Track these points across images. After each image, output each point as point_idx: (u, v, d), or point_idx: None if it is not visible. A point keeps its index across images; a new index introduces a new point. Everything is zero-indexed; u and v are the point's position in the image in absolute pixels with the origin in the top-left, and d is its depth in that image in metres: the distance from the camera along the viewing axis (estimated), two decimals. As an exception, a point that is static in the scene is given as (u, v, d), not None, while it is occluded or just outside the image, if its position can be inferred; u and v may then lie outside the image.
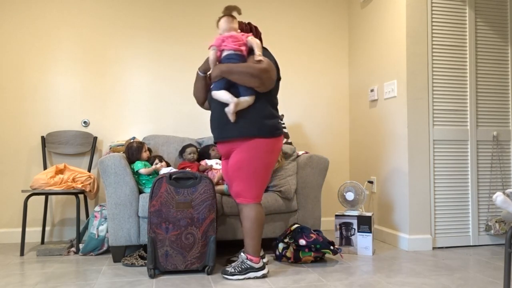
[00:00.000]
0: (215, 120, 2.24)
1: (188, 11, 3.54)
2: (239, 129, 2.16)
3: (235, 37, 2.19)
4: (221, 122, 2.19)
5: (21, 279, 2.20)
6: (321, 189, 2.85)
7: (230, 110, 2.12)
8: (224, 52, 2.18)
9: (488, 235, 3.02)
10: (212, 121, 2.26)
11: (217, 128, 2.22)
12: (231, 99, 2.13)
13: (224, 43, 2.18)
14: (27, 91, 3.26)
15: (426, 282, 2.12)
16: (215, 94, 2.18)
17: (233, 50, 2.17)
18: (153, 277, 2.21)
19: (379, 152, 3.26)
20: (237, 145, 2.19)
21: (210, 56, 2.18)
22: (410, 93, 2.90)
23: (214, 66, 2.18)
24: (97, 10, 3.39)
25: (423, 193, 2.90)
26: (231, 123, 2.17)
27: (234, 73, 2.12)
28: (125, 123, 3.40)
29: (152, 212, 2.23)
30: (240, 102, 2.13)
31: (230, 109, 2.12)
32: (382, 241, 3.16)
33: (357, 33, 3.64)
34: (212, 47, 2.19)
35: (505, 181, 3.07)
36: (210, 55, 2.18)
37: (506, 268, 1.69)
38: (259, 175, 2.18)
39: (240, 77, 2.12)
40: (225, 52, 2.18)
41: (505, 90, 3.10)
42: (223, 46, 2.18)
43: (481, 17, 3.06)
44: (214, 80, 2.19)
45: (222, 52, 2.19)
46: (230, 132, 2.17)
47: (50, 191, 2.79)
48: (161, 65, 3.48)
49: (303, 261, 2.49)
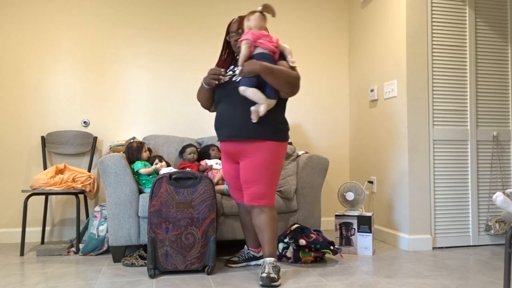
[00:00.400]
0: (226, 118, 2.14)
1: (188, 11, 3.54)
2: (258, 130, 2.10)
3: (270, 37, 2.12)
4: (236, 120, 2.11)
5: (21, 279, 2.20)
6: (321, 189, 2.85)
7: (262, 111, 2.05)
8: (258, 49, 2.10)
9: (488, 235, 3.02)
10: (222, 118, 2.17)
11: (230, 126, 2.13)
12: (264, 100, 2.05)
13: (259, 40, 2.09)
14: (27, 91, 3.26)
15: (426, 282, 2.12)
16: (245, 90, 2.06)
17: (268, 49, 2.10)
18: (153, 277, 2.21)
19: (379, 152, 3.26)
20: (252, 146, 2.12)
21: (243, 50, 2.06)
22: (410, 93, 2.90)
23: (249, 61, 2.06)
24: (97, 10, 3.39)
25: (423, 193, 2.90)
26: (250, 123, 2.09)
27: (274, 74, 2.05)
28: (125, 123, 3.40)
29: (152, 212, 2.23)
30: (270, 104, 2.08)
31: (262, 110, 2.05)
32: (382, 241, 3.16)
33: (357, 33, 3.64)
34: (245, 40, 2.07)
35: (505, 181, 3.07)
36: (243, 49, 2.06)
37: (506, 268, 1.69)
38: (277, 178, 2.18)
39: (277, 80, 2.06)
40: (259, 49, 2.09)
41: (505, 90, 3.10)
42: (258, 43, 2.09)
43: (481, 17, 3.06)
44: (245, 76, 2.07)
45: (255, 48, 2.09)
46: (248, 132, 2.10)
47: (50, 191, 2.79)
48: (161, 65, 3.48)
49: (303, 261, 2.49)
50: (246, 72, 2.05)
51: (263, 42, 2.08)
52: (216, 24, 3.57)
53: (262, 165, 2.11)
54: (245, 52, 2.06)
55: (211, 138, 3.24)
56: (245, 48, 2.07)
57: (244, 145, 2.13)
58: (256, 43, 2.09)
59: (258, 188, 2.13)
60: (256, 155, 2.11)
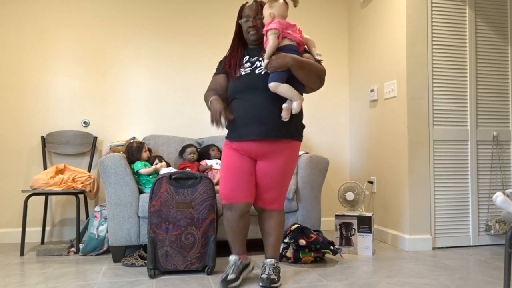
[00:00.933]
0: (254, 115, 1.95)
1: (188, 11, 3.54)
2: (288, 129, 1.98)
3: (296, 28, 1.96)
4: (266, 118, 1.93)
5: (21, 279, 2.20)
6: (321, 189, 2.85)
7: (296, 108, 1.90)
8: (285, 40, 1.92)
9: (488, 235, 3.02)
10: (247, 115, 1.96)
11: (261, 124, 1.94)
12: (298, 97, 1.91)
13: (287, 30, 1.92)
14: (27, 91, 3.26)
15: (426, 282, 2.12)
16: (277, 86, 1.89)
17: (296, 42, 1.94)
18: (153, 277, 2.21)
19: (379, 152, 3.26)
20: (279, 146, 1.99)
21: (271, 40, 1.88)
22: (410, 93, 2.90)
23: (279, 54, 1.88)
24: (97, 10, 3.39)
25: (423, 193, 2.90)
26: (281, 121, 1.94)
27: (305, 69, 1.90)
28: (125, 123, 3.40)
29: (152, 212, 2.23)
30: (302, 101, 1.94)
31: (296, 108, 1.90)
32: (382, 241, 3.16)
33: (357, 33, 3.64)
34: (274, 30, 1.88)
35: (505, 181, 3.07)
36: (271, 39, 1.88)
37: (506, 268, 1.69)
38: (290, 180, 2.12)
39: (308, 74, 1.91)
40: (287, 41, 1.92)
41: (505, 90, 3.10)
42: (286, 33, 1.92)
43: (481, 17, 3.06)
44: (275, 70, 1.89)
45: (282, 39, 1.92)
46: (280, 131, 1.96)
47: (50, 191, 2.79)
48: (161, 65, 3.48)
49: (303, 261, 2.49)
50: (277, 66, 1.87)
51: (291, 33, 1.92)
52: (216, 24, 3.57)
53: (287, 167, 2.02)
54: (273, 43, 1.88)
55: (211, 138, 3.24)
56: (273, 38, 1.88)
57: (273, 145, 1.98)
58: (284, 34, 1.91)
59: (278, 192, 2.05)
60: (281, 156, 2.00)
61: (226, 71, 2.10)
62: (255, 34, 2.03)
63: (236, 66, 2.05)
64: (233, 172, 2.02)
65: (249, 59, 2.06)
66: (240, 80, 2.01)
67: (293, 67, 1.88)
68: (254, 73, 1.98)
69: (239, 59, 2.07)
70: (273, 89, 1.90)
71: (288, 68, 1.88)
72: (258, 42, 2.06)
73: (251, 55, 2.07)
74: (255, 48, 2.08)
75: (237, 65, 2.05)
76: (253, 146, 1.99)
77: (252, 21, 2.01)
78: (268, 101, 1.94)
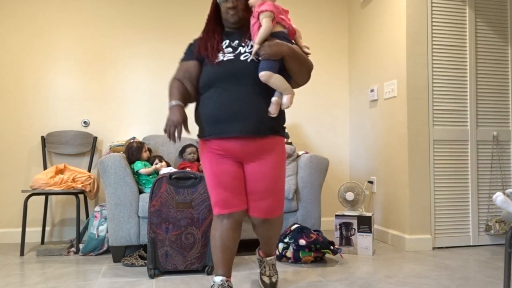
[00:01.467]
0: (237, 108, 1.68)
1: (188, 11, 3.54)
2: (274, 125, 1.76)
3: (288, 14, 1.76)
4: (251, 112, 1.69)
5: (21, 279, 2.20)
6: (321, 189, 2.85)
7: (286, 103, 1.71)
8: (278, 26, 1.71)
9: (488, 235, 3.02)
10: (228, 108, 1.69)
11: (244, 119, 1.68)
12: (290, 90, 1.71)
13: (281, 15, 1.72)
14: (27, 91, 3.26)
15: (426, 282, 2.12)
16: (270, 76, 1.66)
17: (289, 29, 1.75)
18: (153, 277, 2.21)
19: (379, 152, 3.26)
20: (267, 144, 1.75)
21: (265, 24, 1.65)
22: (410, 93, 2.90)
23: (275, 41, 1.66)
24: (97, 10, 3.39)
25: (423, 193, 2.90)
26: (266, 117, 1.72)
27: (299, 60, 1.72)
28: (125, 123, 3.40)
29: (152, 212, 2.23)
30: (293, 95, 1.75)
31: (286, 102, 1.71)
32: (382, 241, 3.16)
33: (357, 33, 3.64)
34: (269, 12, 1.66)
35: (505, 181, 3.07)
36: (265, 23, 1.65)
37: (506, 268, 1.69)
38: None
39: (300, 68, 1.73)
40: (279, 27, 1.72)
41: (505, 90, 3.10)
42: (279, 19, 1.72)
43: (481, 17, 3.06)
44: (269, 58, 1.65)
45: (276, 25, 1.70)
46: (266, 127, 1.73)
47: (50, 191, 2.79)
48: (161, 65, 3.48)
49: (303, 261, 2.49)
50: (272, 53, 1.64)
51: (284, 19, 1.73)
52: None
53: (279, 166, 1.79)
54: (268, 27, 1.65)
55: (211, 138, 3.24)
56: (267, 22, 1.65)
57: (259, 143, 1.74)
58: (277, 18, 1.70)
59: (277, 197, 1.80)
60: (271, 155, 1.77)
61: (199, 56, 1.80)
62: (235, 15, 1.78)
63: (214, 50, 1.77)
64: (221, 177, 1.75)
65: (230, 43, 1.79)
66: (221, 66, 1.72)
67: (288, 57, 1.68)
68: (238, 60, 1.72)
69: (217, 42, 1.79)
70: (265, 79, 1.67)
71: (281, 58, 1.67)
72: (238, 25, 1.81)
73: (231, 39, 1.81)
74: (234, 32, 1.83)
75: (215, 48, 1.77)
76: (236, 144, 1.72)
77: (232, 1, 1.76)
78: (255, 93, 1.70)
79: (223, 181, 1.75)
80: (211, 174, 1.77)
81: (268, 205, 1.78)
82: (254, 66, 1.70)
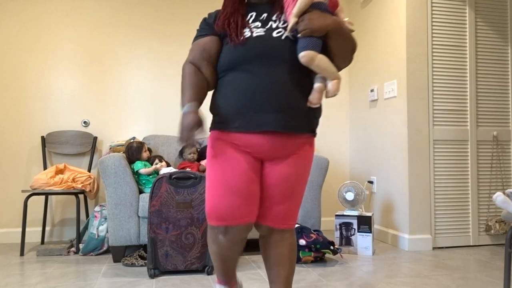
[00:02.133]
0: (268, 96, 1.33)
1: (188, 11, 3.53)
2: (311, 119, 1.42)
3: None
4: (286, 102, 1.34)
5: (21, 279, 2.20)
6: (321, 189, 2.85)
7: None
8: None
9: (488, 235, 3.02)
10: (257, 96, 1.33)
11: (278, 110, 1.33)
12: (337, 75, 1.37)
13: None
14: (27, 91, 3.26)
15: (426, 282, 2.12)
16: (314, 57, 1.32)
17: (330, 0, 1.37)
18: (153, 277, 2.21)
19: (379, 152, 3.26)
20: (298, 143, 1.41)
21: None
22: (410, 93, 2.90)
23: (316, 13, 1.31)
24: (97, 10, 3.39)
25: (423, 193, 2.90)
26: (304, 109, 1.38)
27: (344, 37, 1.38)
28: (125, 123, 3.40)
29: (152, 212, 2.23)
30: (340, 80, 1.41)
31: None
32: (382, 241, 3.16)
33: (357, 33, 3.64)
34: None
35: (505, 181, 3.07)
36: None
37: (506, 268, 1.69)
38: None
39: (345, 47, 1.40)
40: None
41: (505, 90, 3.10)
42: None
43: (481, 17, 3.06)
44: (311, 34, 1.30)
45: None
46: (302, 123, 1.39)
47: (50, 191, 2.79)
48: (161, 65, 3.48)
49: (303, 261, 2.49)
50: (316, 28, 1.29)
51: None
52: (216, 24, 3.56)
53: (306, 170, 1.46)
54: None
55: (211, 138, 3.24)
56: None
57: (291, 141, 1.39)
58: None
59: (293, 204, 1.44)
60: (300, 156, 1.43)
61: (219, 32, 1.42)
62: None
63: (238, 25, 1.40)
64: (231, 178, 1.37)
65: (257, 17, 1.42)
66: (248, 45, 1.36)
67: (333, 33, 1.33)
68: (271, 37, 1.36)
69: (241, 15, 1.42)
70: (307, 61, 1.32)
71: (324, 34, 1.33)
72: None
73: (258, 11, 1.44)
74: (262, 3, 1.46)
75: (239, 24, 1.40)
76: (265, 141, 1.36)
77: None
78: (290, 78, 1.34)
79: (232, 183, 1.37)
80: (218, 172, 1.41)
81: (279, 211, 1.42)
82: (290, 45, 1.36)
